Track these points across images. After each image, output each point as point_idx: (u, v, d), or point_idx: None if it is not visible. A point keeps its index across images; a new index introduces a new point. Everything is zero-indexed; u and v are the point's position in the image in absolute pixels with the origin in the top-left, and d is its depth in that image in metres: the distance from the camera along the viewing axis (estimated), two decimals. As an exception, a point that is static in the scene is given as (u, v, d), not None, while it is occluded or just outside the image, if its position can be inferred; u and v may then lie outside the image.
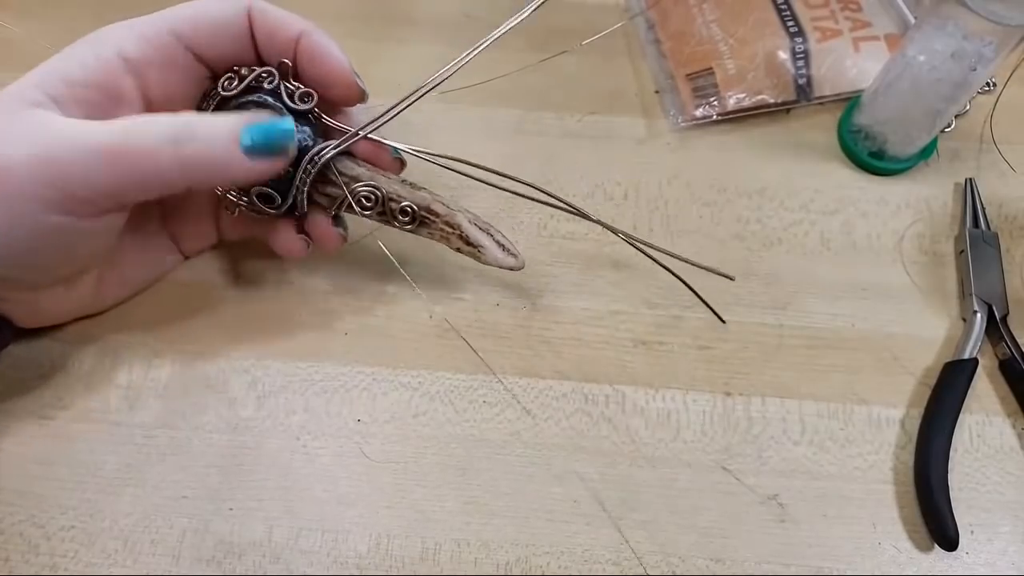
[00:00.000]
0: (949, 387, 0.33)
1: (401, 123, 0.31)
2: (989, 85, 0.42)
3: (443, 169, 0.31)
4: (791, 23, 0.41)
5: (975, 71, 0.33)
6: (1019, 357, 0.33)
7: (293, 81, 0.30)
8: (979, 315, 0.34)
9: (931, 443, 0.32)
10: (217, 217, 0.34)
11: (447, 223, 0.31)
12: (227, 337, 0.34)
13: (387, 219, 0.31)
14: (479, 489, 0.31)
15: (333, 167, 0.30)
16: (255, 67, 0.30)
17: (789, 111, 0.41)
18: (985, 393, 0.34)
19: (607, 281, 0.36)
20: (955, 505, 0.30)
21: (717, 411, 0.33)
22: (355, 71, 0.30)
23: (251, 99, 0.30)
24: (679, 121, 0.40)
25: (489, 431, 0.32)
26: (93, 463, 0.31)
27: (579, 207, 0.32)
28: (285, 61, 0.29)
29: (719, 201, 0.38)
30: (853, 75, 0.41)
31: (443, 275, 0.35)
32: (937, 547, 0.30)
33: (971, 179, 0.38)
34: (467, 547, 0.30)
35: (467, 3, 0.44)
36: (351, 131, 0.30)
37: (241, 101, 0.30)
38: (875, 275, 0.36)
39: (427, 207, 0.31)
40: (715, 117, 0.40)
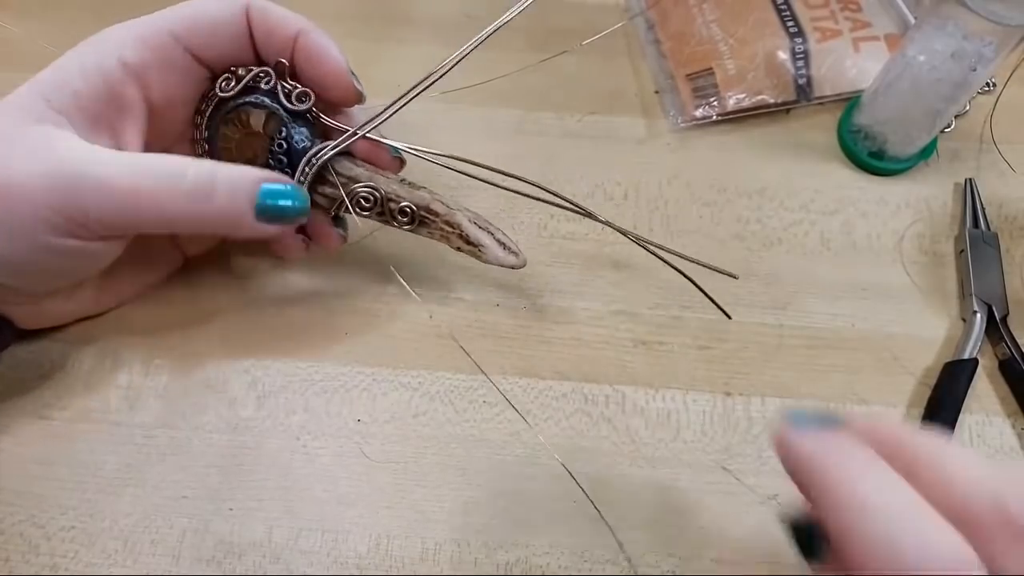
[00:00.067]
0: (949, 387, 0.33)
1: (401, 123, 0.31)
2: (989, 85, 0.42)
3: (443, 169, 0.31)
4: (791, 23, 0.41)
5: (975, 71, 0.33)
6: (1019, 357, 0.33)
7: (290, 81, 0.30)
8: (979, 315, 0.34)
9: (931, 443, 0.32)
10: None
11: (447, 222, 0.31)
12: (227, 337, 0.34)
13: (386, 219, 0.31)
14: (479, 489, 0.31)
15: (331, 168, 0.30)
16: (252, 67, 0.30)
17: (789, 111, 0.41)
18: (985, 393, 0.34)
19: (607, 281, 0.36)
20: (955, 505, 0.30)
21: (717, 411, 0.33)
22: (353, 72, 0.30)
23: (248, 100, 0.30)
24: (679, 121, 0.40)
25: (489, 431, 0.32)
26: (93, 463, 0.31)
27: (585, 207, 0.32)
28: (282, 61, 0.29)
29: (719, 201, 0.38)
30: (853, 75, 0.41)
31: (443, 275, 0.35)
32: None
33: (971, 179, 0.38)
34: (467, 547, 0.30)
35: (467, 3, 0.44)
36: (349, 131, 0.30)
37: (239, 102, 0.30)
38: (875, 275, 0.36)
39: (426, 207, 0.31)
40: (715, 117, 0.40)
